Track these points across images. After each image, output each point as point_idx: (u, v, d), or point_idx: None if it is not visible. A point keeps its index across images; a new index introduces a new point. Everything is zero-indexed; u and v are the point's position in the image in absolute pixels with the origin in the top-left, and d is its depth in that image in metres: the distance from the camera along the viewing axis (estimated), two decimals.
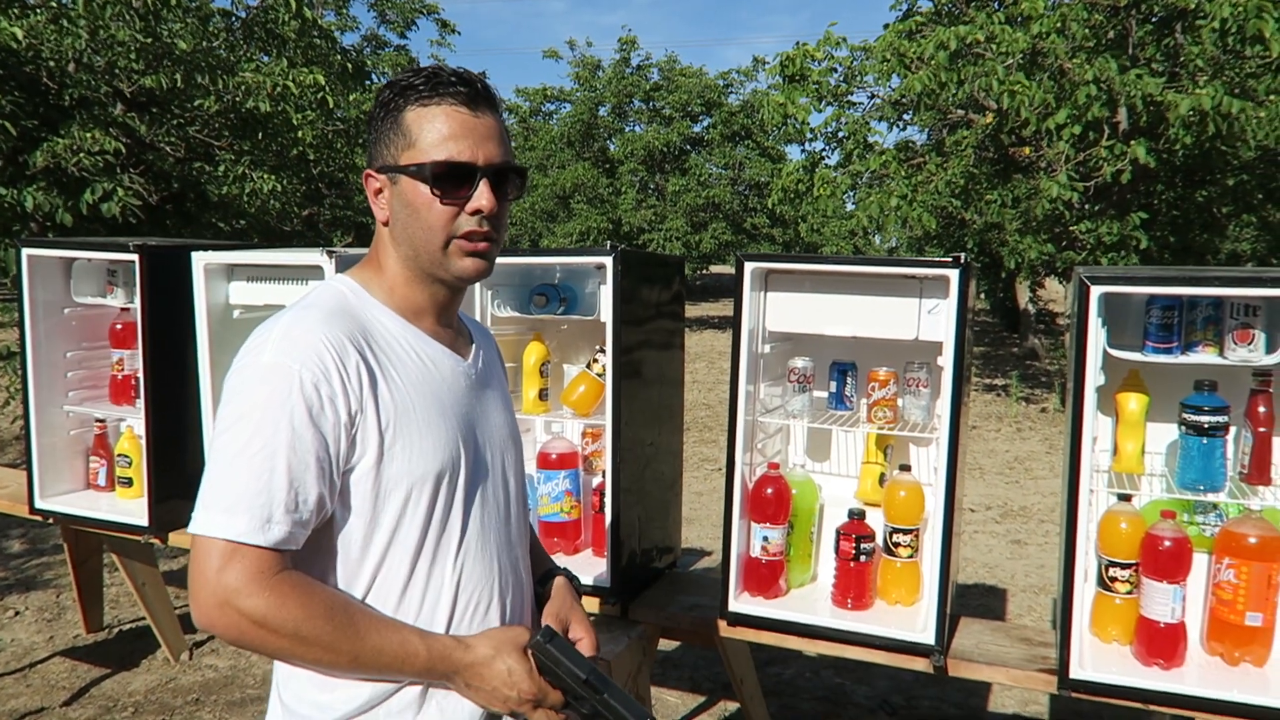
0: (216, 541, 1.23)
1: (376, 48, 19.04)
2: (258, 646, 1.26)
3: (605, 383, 2.86)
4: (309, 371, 1.27)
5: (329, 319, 1.32)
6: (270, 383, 1.26)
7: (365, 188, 1.45)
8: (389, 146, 1.40)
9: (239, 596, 1.22)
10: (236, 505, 1.23)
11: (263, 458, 1.24)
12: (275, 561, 1.25)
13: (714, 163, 22.81)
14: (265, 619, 1.23)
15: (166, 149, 8.40)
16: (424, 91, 1.38)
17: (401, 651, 1.32)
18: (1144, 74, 8.07)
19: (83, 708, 3.92)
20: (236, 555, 1.23)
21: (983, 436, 9.75)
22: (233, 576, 1.22)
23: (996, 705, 4.00)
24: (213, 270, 3.32)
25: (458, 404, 1.45)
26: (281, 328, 1.30)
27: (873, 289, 2.65)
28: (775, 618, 2.70)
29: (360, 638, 1.29)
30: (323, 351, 1.28)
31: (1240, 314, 2.32)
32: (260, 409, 1.25)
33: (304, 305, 1.36)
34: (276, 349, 1.28)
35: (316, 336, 1.29)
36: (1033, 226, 9.53)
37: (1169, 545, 2.33)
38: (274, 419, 1.25)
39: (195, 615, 1.25)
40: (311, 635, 1.26)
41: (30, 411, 3.64)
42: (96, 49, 7.57)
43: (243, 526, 1.23)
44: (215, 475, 1.26)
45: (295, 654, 1.28)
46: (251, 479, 1.24)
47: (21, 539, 5.98)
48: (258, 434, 1.24)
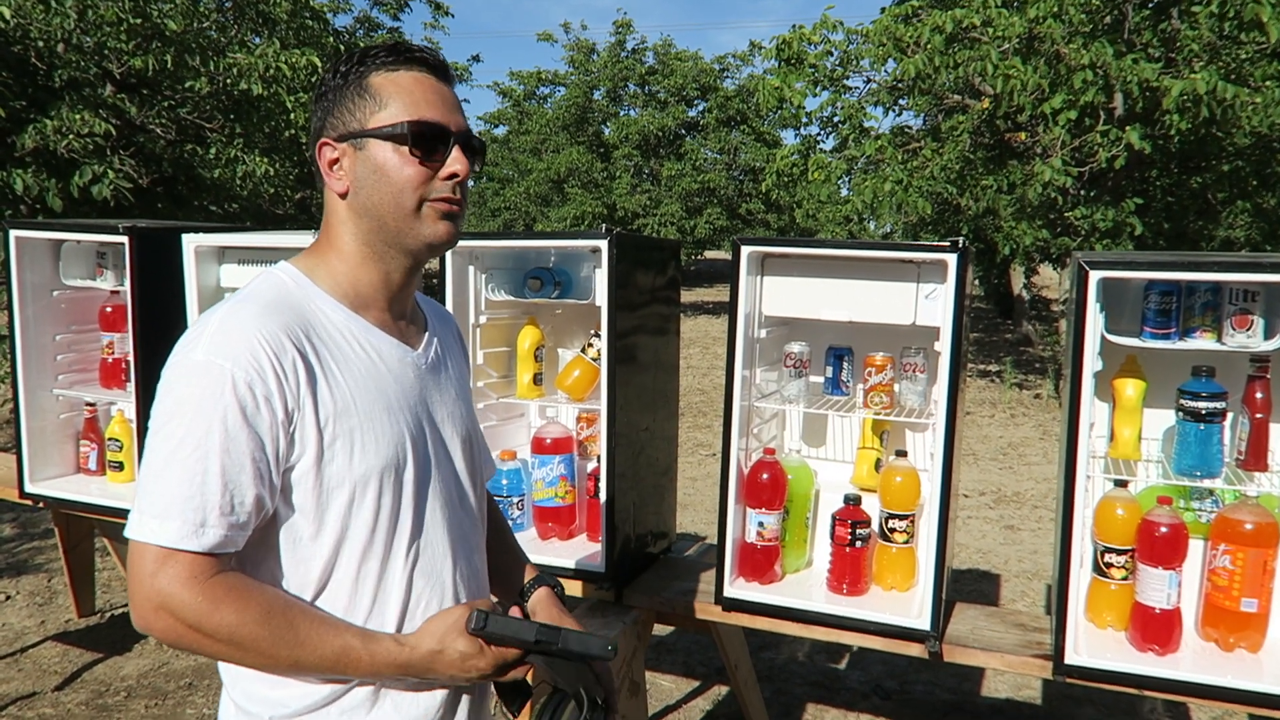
0: (150, 546, 1.21)
1: (370, 30, 18.89)
2: (197, 650, 1.24)
3: (600, 367, 2.84)
4: (241, 370, 1.22)
5: (266, 313, 1.27)
6: (201, 382, 1.21)
7: (318, 160, 1.39)
8: (352, 112, 1.35)
9: (173, 601, 1.20)
10: (169, 510, 1.20)
11: (195, 459, 1.21)
12: (210, 565, 1.22)
13: (709, 147, 22.75)
14: (200, 623, 1.21)
15: (157, 131, 8.34)
16: (389, 59, 1.37)
17: (343, 656, 1.29)
18: (1140, 59, 8.04)
19: (75, 692, 3.91)
20: (170, 560, 1.21)
21: (976, 422, 9.76)
22: (165, 581, 1.20)
23: (989, 690, 4.01)
24: (203, 253, 3.29)
25: (405, 397, 1.39)
26: (215, 323, 1.25)
27: (870, 273, 2.63)
28: (770, 603, 2.69)
29: (299, 643, 1.26)
30: (257, 349, 1.23)
31: (1239, 299, 2.31)
32: (192, 409, 1.21)
33: (241, 298, 1.31)
34: (209, 346, 1.23)
35: (251, 332, 1.24)
36: (1028, 212, 9.51)
37: (1165, 531, 2.33)
38: (206, 420, 1.21)
39: (134, 618, 1.24)
40: (248, 639, 1.23)
41: (19, 395, 3.61)
42: (85, 29, 7.50)
43: (175, 532, 1.20)
44: (148, 478, 1.23)
45: (234, 658, 1.26)
46: (184, 482, 1.21)
47: (12, 523, 5.95)
48: (189, 435, 1.21)
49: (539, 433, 3.14)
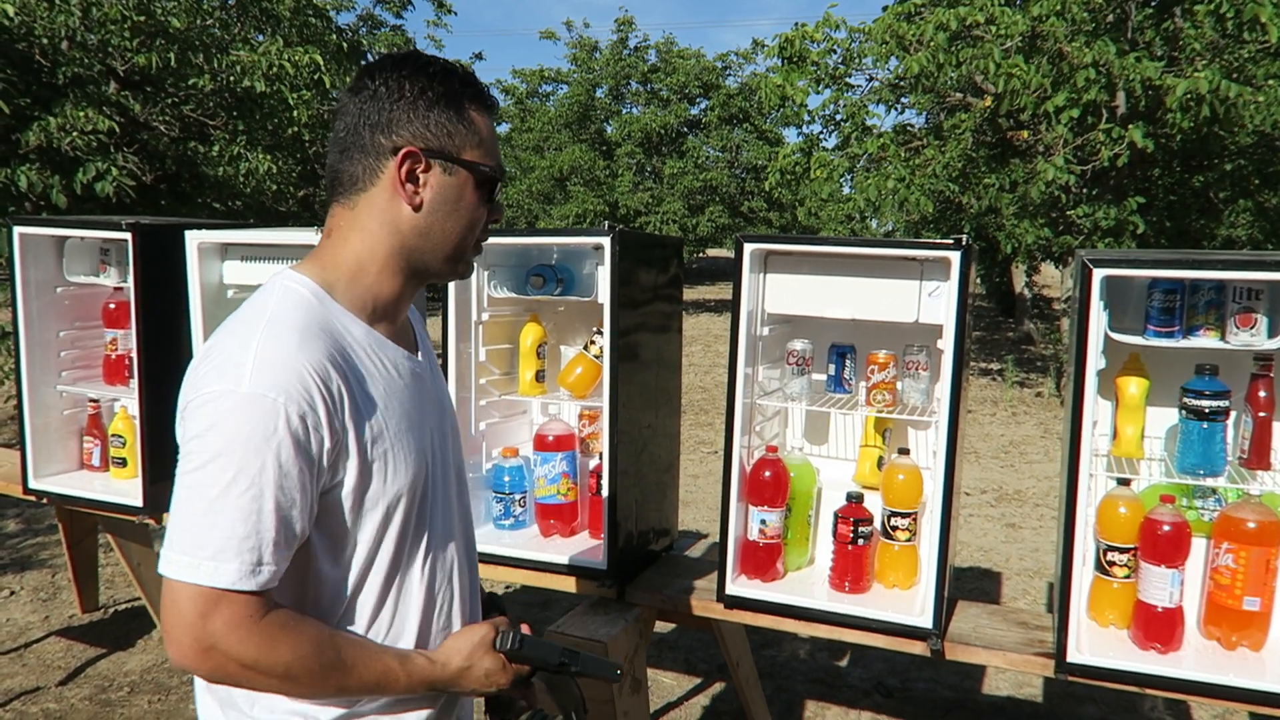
0: (200, 587, 1.17)
1: (373, 27, 18.89)
2: (242, 685, 1.23)
3: (603, 364, 2.84)
4: (294, 403, 1.18)
5: (306, 339, 1.23)
6: (253, 417, 1.17)
7: (386, 161, 1.32)
8: (450, 135, 1.33)
9: (227, 642, 1.18)
10: (224, 551, 1.16)
11: (249, 498, 1.17)
12: (263, 604, 1.20)
13: (711, 146, 22.73)
14: (256, 663, 1.19)
15: (161, 128, 8.34)
16: (483, 95, 1.38)
17: (383, 678, 1.31)
18: (1143, 58, 8.04)
19: (78, 687, 3.92)
20: (223, 601, 1.17)
21: (978, 420, 9.76)
22: (220, 623, 1.17)
23: (991, 688, 4.02)
24: (206, 249, 3.29)
25: (419, 409, 1.40)
26: (255, 351, 1.20)
27: (873, 271, 2.63)
28: (772, 601, 2.69)
29: (347, 670, 1.27)
30: (306, 379, 1.20)
31: (1243, 298, 2.30)
32: (242, 445, 1.17)
33: (273, 320, 1.25)
34: (256, 378, 1.18)
35: (299, 362, 1.21)
36: (1030, 211, 9.51)
37: (1168, 530, 2.33)
38: (259, 456, 1.17)
39: (174, 656, 1.19)
40: (302, 674, 1.23)
41: (23, 391, 3.61)
42: (89, 26, 7.50)
43: (234, 573, 1.17)
44: (195, 517, 1.17)
45: (281, 691, 1.25)
46: (239, 521, 1.17)
47: (17, 519, 5.96)
48: (243, 473, 1.16)
49: (541, 430, 3.14)
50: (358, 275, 1.35)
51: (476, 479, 3.19)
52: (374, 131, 1.32)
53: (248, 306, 1.31)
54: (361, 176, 1.34)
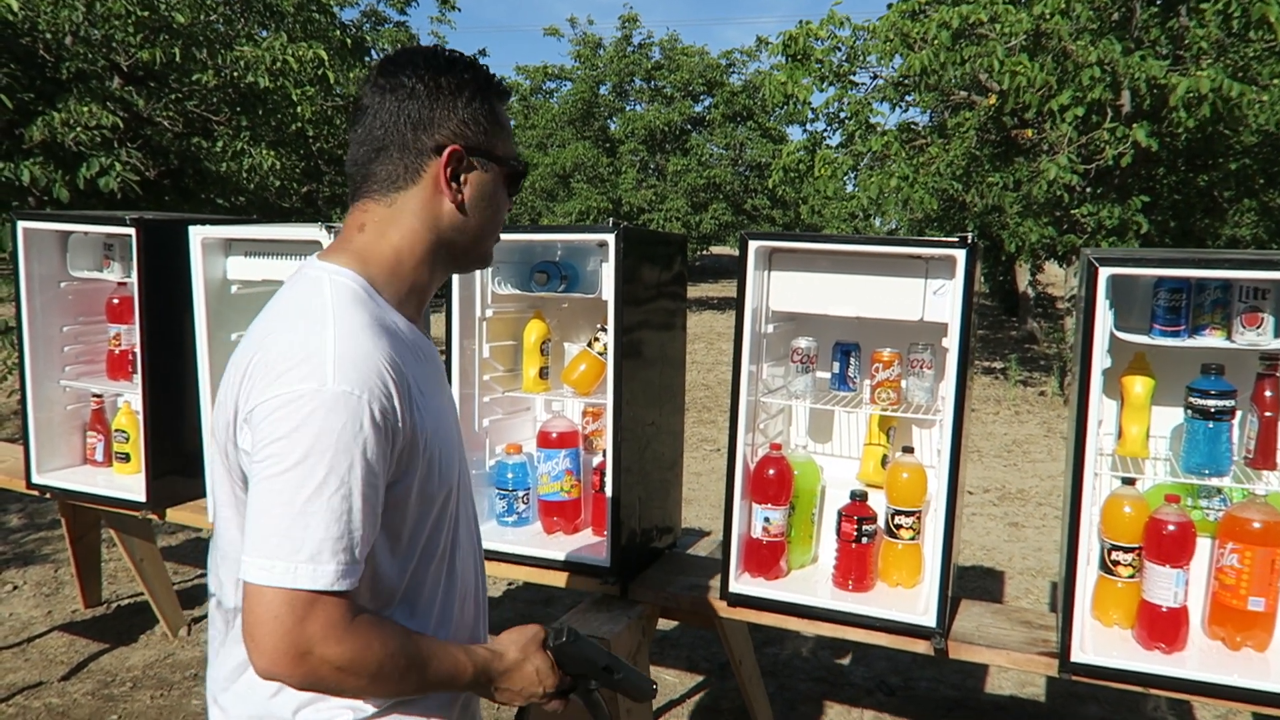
0: (294, 591, 1.14)
1: (376, 23, 18.87)
2: (330, 689, 1.21)
3: (606, 362, 2.84)
4: (375, 400, 1.18)
5: (375, 333, 1.24)
6: (342, 414, 1.16)
7: (429, 159, 1.33)
8: (485, 132, 1.35)
9: (324, 645, 1.16)
10: (320, 553, 1.15)
11: (340, 498, 1.16)
12: (353, 605, 1.20)
13: (715, 143, 22.71)
14: (351, 664, 1.18)
15: (164, 124, 8.34)
16: (505, 89, 1.39)
17: (454, 671, 1.31)
18: (1148, 56, 8.02)
19: (81, 682, 3.92)
20: (319, 604, 1.15)
21: (981, 419, 9.75)
22: (317, 626, 1.15)
23: (993, 687, 4.01)
24: (210, 245, 3.29)
25: (448, 398, 1.42)
26: (334, 347, 1.19)
27: (878, 269, 2.63)
28: (776, 599, 2.69)
29: (426, 666, 1.27)
30: (383, 373, 1.21)
31: (1249, 297, 2.30)
32: (332, 445, 1.15)
33: (338, 314, 1.24)
34: (338, 375, 1.17)
35: (375, 357, 1.21)
36: (1033, 209, 9.49)
37: (1173, 529, 2.32)
38: (348, 454, 1.16)
39: (262, 664, 1.16)
40: (391, 672, 1.22)
41: (27, 386, 3.62)
42: (93, 21, 7.51)
43: (331, 574, 1.15)
44: (289, 519, 1.15)
45: (368, 691, 1.23)
46: (332, 522, 1.15)
47: (19, 513, 5.97)
48: (333, 473, 1.15)
49: (545, 427, 3.14)
50: (396, 270, 1.35)
51: (480, 476, 3.19)
52: (416, 130, 1.32)
53: (300, 299, 1.28)
54: (402, 175, 1.33)
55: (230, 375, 1.28)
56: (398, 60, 1.34)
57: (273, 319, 1.27)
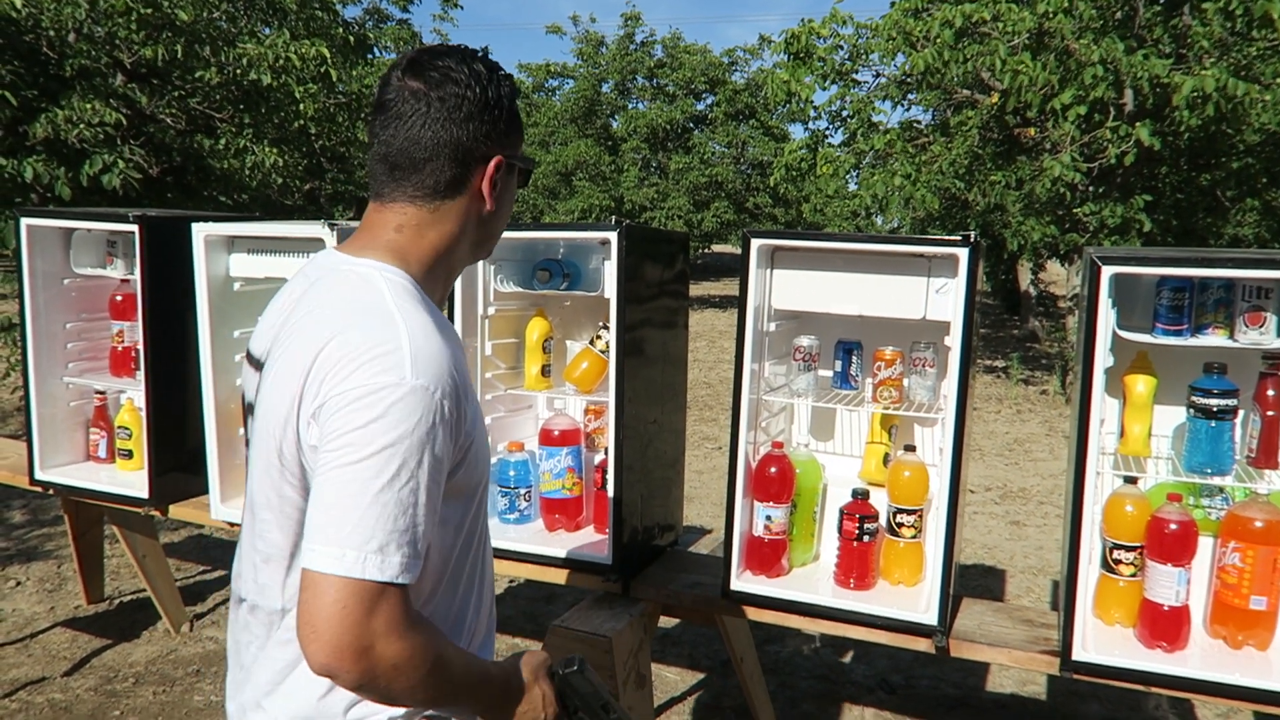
0: (364, 582, 1.13)
1: (379, 21, 18.88)
2: (379, 688, 1.17)
3: (608, 359, 2.84)
4: (446, 397, 1.21)
5: (441, 331, 1.27)
6: (417, 409, 1.17)
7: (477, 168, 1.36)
8: (517, 139, 1.40)
9: (384, 641, 1.14)
10: (389, 544, 1.15)
11: (409, 490, 1.16)
12: (410, 600, 1.20)
13: (717, 141, 22.69)
14: (407, 662, 1.16)
15: (167, 121, 8.34)
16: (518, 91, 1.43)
17: (484, 684, 1.32)
18: (1151, 55, 8.01)
19: (84, 678, 3.93)
20: (385, 597, 1.15)
21: (983, 418, 9.74)
22: (381, 620, 1.14)
23: (994, 685, 4.01)
24: (213, 242, 3.29)
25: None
26: (409, 343, 1.20)
27: (880, 267, 2.63)
28: (777, 597, 2.69)
29: (464, 674, 1.27)
30: (451, 370, 1.23)
31: (1252, 296, 2.30)
32: (409, 437, 1.16)
33: (403, 310, 1.25)
34: (416, 370, 1.19)
35: (443, 353, 1.23)
36: (1036, 208, 9.49)
37: (1174, 528, 2.32)
38: (420, 447, 1.17)
39: (322, 657, 1.13)
40: (438, 675, 1.21)
41: (30, 383, 3.62)
42: (96, 19, 7.51)
43: (397, 566, 1.15)
44: (360, 509, 1.14)
45: (411, 694, 1.20)
46: (400, 514, 1.16)
47: (23, 509, 5.98)
48: (405, 466, 1.16)
49: (547, 424, 3.14)
50: (433, 268, 1.38)
51: None
52: (474, 142, 1.34)
53: (358, 296, 1.28)
54: (451, 184, 1.35)
55: (282, 372, 1.26)
56: (439, 66, 1.33)
57: (331, 315, 1.26)
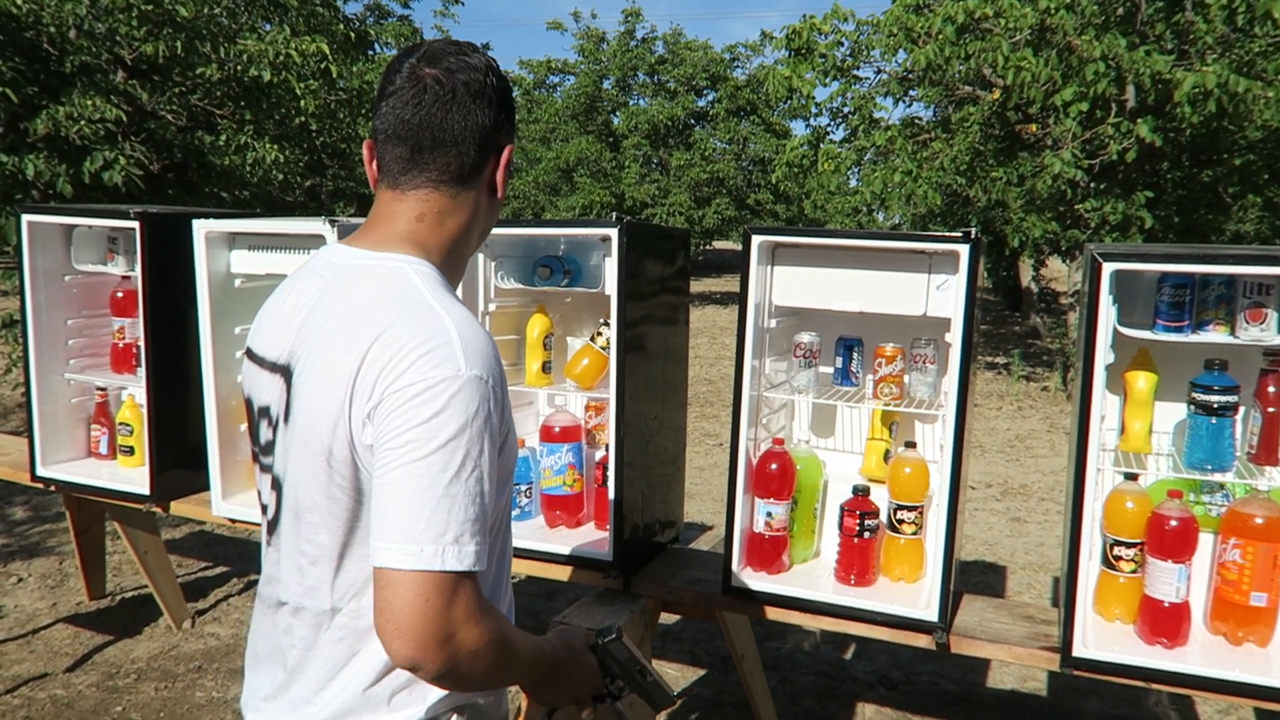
0: (444, 574, 1.15)
1: (380, 17, 18.88)
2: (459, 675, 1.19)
3: (609, 356, 2.84)
4: (496, 386, 1.23)
5: (479, 321, 1.29)
6: (474, 400, 1.19)
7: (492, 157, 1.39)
8: (515, 130, 1.42)
9: (465, 628, 1.16)
10: (464, 535, 1.17)
11: (474, 480, 1.18)
12: (481, 586, 1.22)
13: (718, 137, 22.69)
14: (485, 647, 1.18)
15: (168, 117, 8.34)
16: None
17: (538, 659, 1.33)
18: (1153, 51, 8.00)
19: (85, 674, 3.94)
20: (462, 586, 1.17)
21: (984, 414, 9.74)
22: (461, 609, 1.16)
23: (995, 681, 4.02)
24: (214, 238, 3.29)
25: None
26: (458, 335, 1.22)
27: (881, 264, 2.63)
28: (778, 593, 2.70)
29: (525, 653, 1.29)
30: (497, 360, 1.25)
31: (1253, 293, 2.30)
32: (467, 428, 1.18)
33: (443, 302, 1.26)
34: (469, 360, 1.20)
35: (489, 345, 1.25)
36: (1037, 205, 9.48)
37: (1175, 525, 2.32)
38: (480, 437, 1.19)
39: (408, 651, 1.15)
40: (507, 657, 1.23)
41: (31, 379, 3.62)
42: (97, 15, 7.50)
43: (474, 555, 1.17)
44: (432, 503, 1.16)
45: (486, 678, 1.22)
46: (469, 504, 1.18)
47: (24, 506, 5.99)
48: (469, 456, 1.18)
49: (547, 421, 3.14)
50: (451, 257, 1.40)
51: None
52: (493, 130, 1.37)
53: (395, 290, 1.28)
54: (470, 171, 1.36)
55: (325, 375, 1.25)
56: (458, 56, 1.34)
57: (371, 313, 1.25)
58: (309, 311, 1.32)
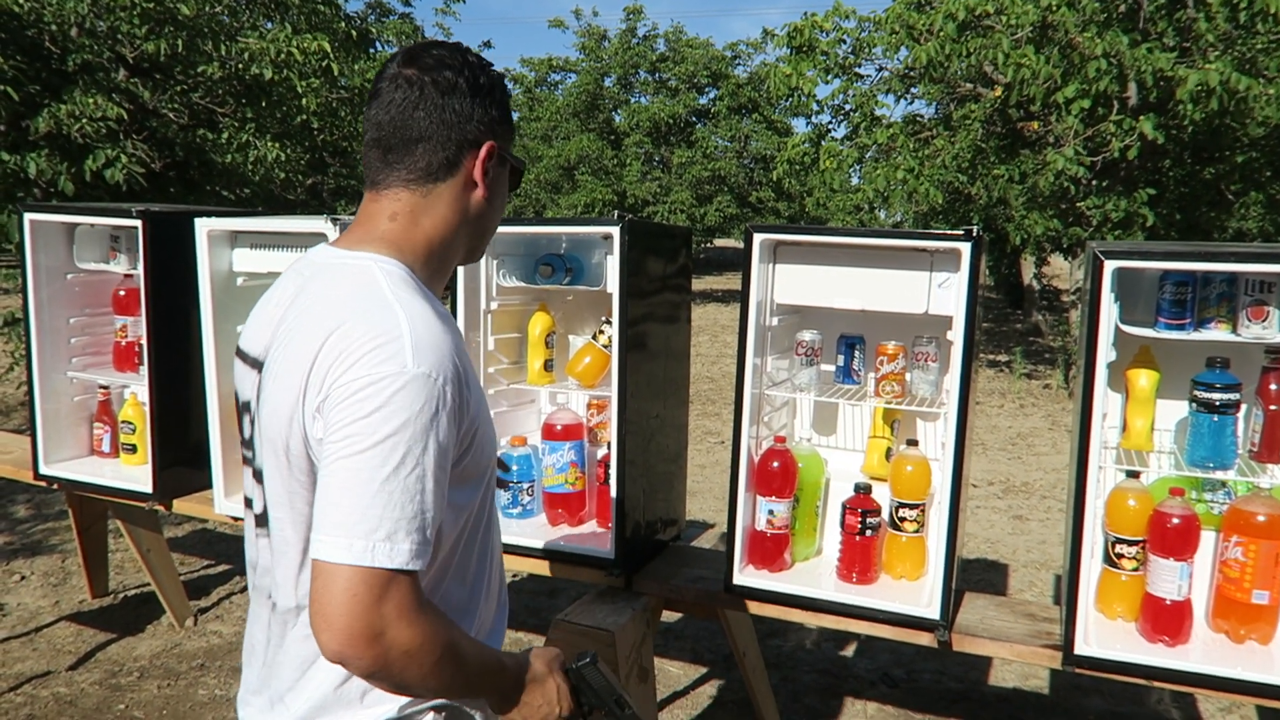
0: (374, 570, 1.15)
1: (381, 15, 18.87)
2: (391, 675, 1.19)
3: (611, 354, 2.84)
4: (449, 383, 1.22)
5: (439, 318, 1.27)
6: (420, 396, 1.18)
7: (467, 152, 1.37)
8: (508, 131, 1.41)
9: (396, 627, 1.16)
10: (397, 532, 1.16)
11: (415, 479, 1.18)
12: (420, 586, 1.21)
13: (720, 135, 22.68)
14: (419, 648, 1.17)
15: (170, 115, 8.35)
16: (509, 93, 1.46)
17: (495, 672, 1.33)
18: (1155, 48, 7.99)
19: (88, 672, 3.94)
20: (395, 583, 1.16)
21: (985, 412, 9.74)
22: (392, 606, 1.15)
23: (996, 679, 4.02)
24: (216, 237, 3.29)
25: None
26: (409, 332, 1.21)
27: (883, 262, 2.63)
28: (780, 591, 2.70)
29: (475, 662, 1.28)
30: (453, 357, 1.24)
31: (1255, 290, 2.29)
32: (411, 426, 1.17)
33: (401, 300, 1.26)
34: (417, 358, 1.19)
35: (446, 342, 1.24)
36: (1039, 202, 9.47)
37: (1177, 523, 2.32)
38: (423, 435, 1.18)
39: (335, 645, 1.15)
40: (448, 662, 1.22)
41: (34, 377, 3.63)
42: (99, 13, 7.51)
43: (407, 553, 1.16)
44: (367, 498, 1.16)
45: (423, 682, 1.21)
46: (407, 502, 1.17)
47: (27, 504, 5.99)
48: (410, 454, 1.17)
49: (549, 419, 3.14)
50: (429, 258, 1.39)
51: None
52: (462, 124, 1.35)
53: (357, 288, 1.29)
54: (442, 166, 1.36)
55: (284, 369, 1.27)
56: (433, 54, 1.36)
57: (330, 309, 1.27)
58: (285, 309, 1.34)
